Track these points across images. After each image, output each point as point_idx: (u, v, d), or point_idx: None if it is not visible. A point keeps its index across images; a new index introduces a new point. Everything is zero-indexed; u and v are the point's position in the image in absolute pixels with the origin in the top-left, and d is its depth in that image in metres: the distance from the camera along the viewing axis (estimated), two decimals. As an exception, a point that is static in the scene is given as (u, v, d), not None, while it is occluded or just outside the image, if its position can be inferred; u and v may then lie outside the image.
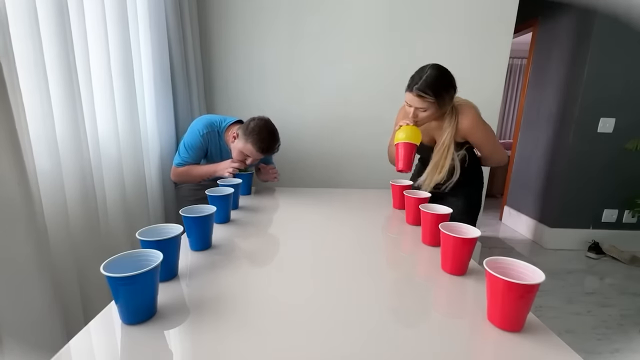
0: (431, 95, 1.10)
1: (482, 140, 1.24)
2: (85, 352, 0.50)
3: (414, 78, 1.15)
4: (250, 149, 1.33)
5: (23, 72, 0.79)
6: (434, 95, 1.11)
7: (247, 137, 1.32)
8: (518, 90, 5.34)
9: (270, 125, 1.38)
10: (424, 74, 1.12)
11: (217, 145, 1.47)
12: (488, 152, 1.29)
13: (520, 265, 0.58)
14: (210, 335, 0.53)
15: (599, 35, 2.31)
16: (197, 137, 1.41)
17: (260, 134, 1.32)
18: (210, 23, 1.99)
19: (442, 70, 1.14)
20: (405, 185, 1.26)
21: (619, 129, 2.45)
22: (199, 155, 1.45)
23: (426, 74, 1.11)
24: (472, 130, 1.20)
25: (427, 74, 1.11)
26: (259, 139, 1.32)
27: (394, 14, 1.99)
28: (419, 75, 1.13)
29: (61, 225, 0.91)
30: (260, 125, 1.34)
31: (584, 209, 2.60)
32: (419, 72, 1.15)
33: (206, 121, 1.45)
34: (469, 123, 1.18)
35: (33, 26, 0.80)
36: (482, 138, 1.23)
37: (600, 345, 1.58)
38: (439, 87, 1.12)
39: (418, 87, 1.11)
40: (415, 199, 1.05)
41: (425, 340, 0.53)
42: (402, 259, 0.88)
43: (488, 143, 1.25)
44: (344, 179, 2.20)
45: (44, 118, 0.85)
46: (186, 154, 1.42)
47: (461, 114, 1.19)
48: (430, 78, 1.11)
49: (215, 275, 0.72)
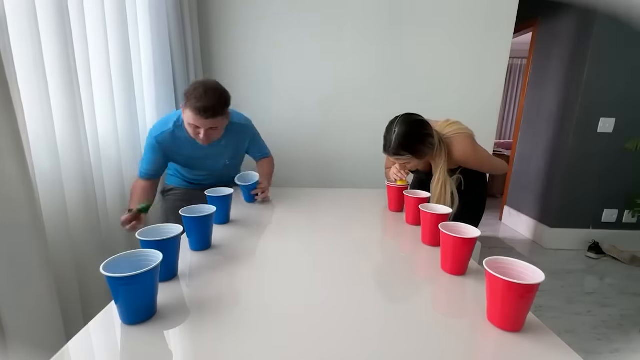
0: (407, 154, 1.11)
1: (478, 166, 1.26)
2: (85, 352, 0.50)
3: (385, 139, 1.14)
4: (190, 114, 1.09)
5: (22, 72, 0.79)
6: (410, 153, 1.11)
7: (185, 100, 1.10)
8: (518, 90, 5.34)
9: (209, 82, 1.14)
10: (392, 134, 1.11)
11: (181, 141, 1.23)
12: (486, 171, 1.33)
13: (520, 265, 0.58)
14: (210, 335, 0.53)
15: (599, 35, 2.31)
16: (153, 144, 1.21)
17: (195, 91, 1.08)
18: (211, 23, 1.99)
19: (410, 124, 1.11)
20: (401, 187, 1.23)
21: (619, 129, 2.44)
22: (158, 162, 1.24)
23: (395, 134, 1.10)
24: (466, 160, 1.20)
25: (396, 133, 1.10)
26: (194, 98, 1.07)
27: (394, 14, 1.99)
28: (389, 137, 1.13)
29: (61, 225, 0.91)
30: (196, 83, 1.11)
31: (584, 209, 2.60)
32: (387, 132, 1.14)
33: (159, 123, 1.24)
34: (461, 155, 1.18)
35: (32, 26, 0.80)
36: (478, 163, 1.24)
37: (600, 345, 1.57)
38: (411, 144, 1.11)
39: (391, 151, 1.12)
40: (415, 199, 1.05)
41: (426, 340, 0.53)
42: (402, 259, 0.88)
43: (484, 166, 1.27)
44: (343, 178, 2.20)
45: (43, 118, 0.85)
46: (144, 165, 1.23)
47: (451, 146, 1.18)
48: (400, 138, 1.09)
49: (215, 275, 0.72)
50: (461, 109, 2.08)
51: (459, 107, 2.08)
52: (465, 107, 2.08)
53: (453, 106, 2.07)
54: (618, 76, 2.37)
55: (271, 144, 2.16)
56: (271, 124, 2.13)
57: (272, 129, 2.15)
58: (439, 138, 1.17)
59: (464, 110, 2.03)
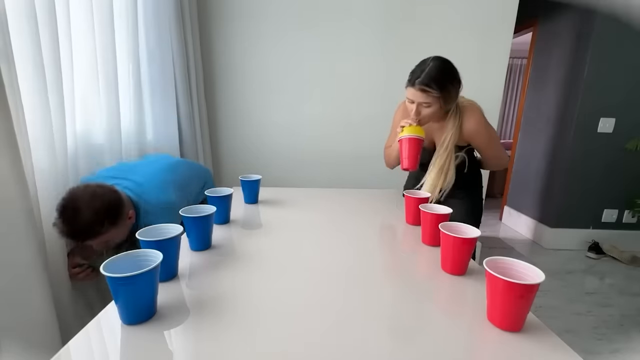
0: (436, 89, 1.02)
1: (486, 144, 1.16)
2: (85, 353, 0.50)
3: (414, 72, 1.06)
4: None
5: (22, 73, 0.79)
6: (439, 89, 1.02)
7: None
8: (518, 90, 5.34)
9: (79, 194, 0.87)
10: (426, 66, 1.04)
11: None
12: (490, 156, 1.22)
13: (520, 265, 0.58)
14: (210, 335, 0.53)
15: (599, 35, 2.31)
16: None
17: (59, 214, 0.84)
18: (210, 23, 1.99)
19: (446, 62, 1.06)
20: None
21: (619, 129, 2.44)
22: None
23: (429, 66, 1.03)
24: (476, 133, 1.12)
25: (430, 66, 1.03)
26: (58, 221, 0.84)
27: (394, 14, 1.99)
28: (420, 69, 1.05)
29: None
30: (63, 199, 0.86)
31: (584, 209, 2.60)
32: (420, 65, 1.07)
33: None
34: (474, 124, 1.11)
35: (32, 26, 0.81)
36: (486, 141, 1.16)
37: (600, 345, 1.57)
38: (443, 80, 1.03)
39: (421, 81, 1.02)
40: (415, 199, 1.05)
41: (425, 340, 0.53)
42: (402, 259, 0.88)
43: (491, 146, 1.18)
44: (343, 178, 2.20)
45: (43, 118, 0.85)
46: None
47: (465, 114, 1.11)
48: (433, 70, 1.02)
49: (215, 275, 0.72)
50: (461, 109, 2.08)
51: (459, 107, 2.08)
52: (465, 107, 2.08)
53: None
54: (618, 76, 2.37)
55: (271, 143, 2.17)
56: (271, 123, 2.14)
57: (272, 129, 2.15)
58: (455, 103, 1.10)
59: (464, 110, 2.03)
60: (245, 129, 2.14)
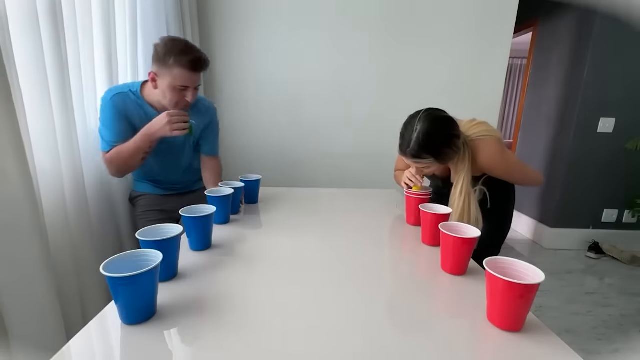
0: (429, 157, 0.96)
1: (505, 175, 1.08)
2: (85, 352, 0.50)
3: (403, 138, 0.98)
4: (179, 71, 1.01)
5: (23, 71, 0.79)
6: (432, 155, 0.95)
7: (166, 61, 1.01)
8: (518, 90, 5.34)
9: (180, 38, 1.11)
10: (413, 131, 0.95)
11: (139, 107, 1.11)
12: (515, 182, 1.14)
13: (520, 265, 0.58)
14: (210, 335, 0.53)
15: (599, 35, 2.31)
16: (106, 103, 1.07)
17: (178, 47, 1.01)
18: (210, 23, 1.99)
19: (435, 122, 0.95)
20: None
21: (619, 129, 2.44)
22: (123, 127, 1.08)
23: (416, 133, 0.94)
24: (492, 167, 1.03)
25: (418, 132, 0.94)
26: (182, 53, 1.00)
27: (394, 14, 1.99)
28: (408, 134, 0.96)
29: (61, 224, 0.91)
30: (171, 41, 1.04)
31: (584, 209, 2.60)
32: (407, 127, 0.97)
33: (111, 88, 1.12)
34: (486, 160, 1.01)
35: (34, 25, 0.81)
36: (504, 173, 1.06)
37: (600, 345, 1.57)
38: (435, 146, 0.95)
39: (411, 152, 0.95)
40: (416, 199, 1.05)
41: (425, 340, 0.53)
42: (402, 259, 0.88)
43: (512, 176, 1.10)
44: (343, 178, 2.20)
45: (44, 117, 0.86)
46: (107, 131, 1.07)
47: (477, 150, 1.01)
48: (422, 137, 0.93)
49: (215, 275, 0.72)
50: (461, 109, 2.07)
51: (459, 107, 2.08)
52: (466, 107, 2.08)
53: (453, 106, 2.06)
54: (618, 76, 2.37)
55: (270, 143, 2.17)
56: (271, 123, 2.14)
57: (273, 129, 2.15)
58: (463, 140, 1.01)
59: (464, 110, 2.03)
60: (245, 129, 2.14)
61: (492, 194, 1.07)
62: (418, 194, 1.06)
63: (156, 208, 1.26)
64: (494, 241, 1.16)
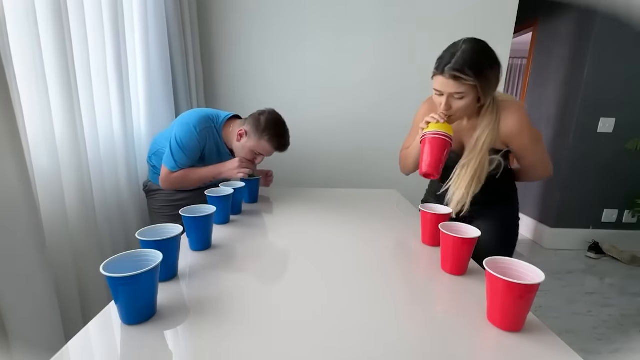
0: (471, 75, 0.83)
1: (528, 149, 0.97)
2: (85, 352, 0.50)
3: (443, 57, 0.88)
4: (266, 146, 1.19)
5: (21, 72, 0.79)
6: (475, 74, 0.83)
7: (262, 133, 1.18)
8: (518, 90, 5.34)
9: (282, 119, 1.27)
10: (457, 49, 0.86)
11: (216, 144, 1.25)
12: (532, 163, 1.01)
13: (520, 265, 0.58)
14: (210, 335, 0.53)
15: (599, 35, 2.31)
16: (193, 134, 1.17)
17: (276, 129, 1.20)
18: (210, 22, 1.99)
19: (480, 42, 0.88)
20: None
21: (619, 129, 2.45)
22: (196, 157, 1.21)
23: (461, 49, 0.85)
24: (518, 133, 0.93)
25: (463, 48, 0.85)
26: (276, 135, 1.19)
27: (393, 14, 1.99)
28: (450, 52, 0.87)
29: (60, 225, 0.91)
30: (275, 119, 1.22)
31: (584, 209, 2.60)
32: (449, 48, 0.89)
33: (200, 116, 1.21)
34: (515, 123, 0.91)
35: (32, 26, 0.80)
36: (529, 144, 0.96)
37: (600, 345, 1.57)
38: (481, 63, 0.85)
39: (452, 66, 0.84)
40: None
41: (425, 340, 0.53)
42: (402, 259, 0.88)
43: (534, 152, 0.98)
44: (344, 178, 2.20)
45: (42, 117, 0.85)
46: (182, 156, 1.18)
47: (505, 110, 0.92)
48: (467, 53, 0.84)
49: (215, 275, 0.72)
50: (461, 109, 2.08)
51: (459, 107, 2.09)
52: (465, 107, 2.08)
53: (453, 106, 2.07)
54: (618, 76, 2.37)
55: (271, 144, 2.17)
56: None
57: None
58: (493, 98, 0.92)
59: (464, 110, 2.03)
60: (245, 129, 2.14)
61: (495, 197, 0.98)
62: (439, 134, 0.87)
63: (173, 204, 1.28)
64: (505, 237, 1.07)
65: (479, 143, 0.92)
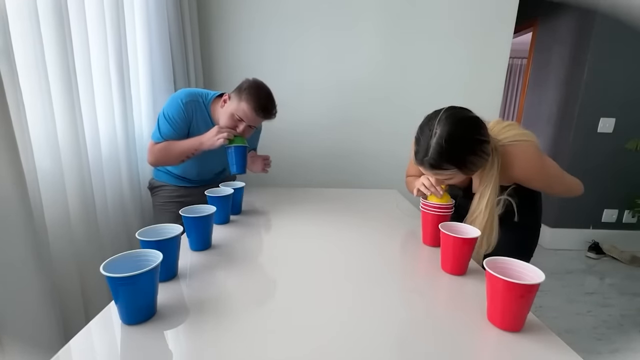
0: (451, 167, 0.79)
1: (544, 187, 0.94)
2: (85, 352, 0.50)
3: (419, 144, 0.81)
4: (245, 108, 1.12)
5: (23, 72, 0.79)
6: (456, 165, 0.79)
7: (241, 95, 1.14)
8: (518, 90, 5.34)
9: (266, 86, 1.21)
10: (431, 137, 0.78)
11: (203, 119, 1.21)
12: (554, 193, 0.97)
13: (520, 265, 0.58)
14: (210, 335, 0.53)
15: (599, 35, 2.31)
16: (179, 105, 1.15)
17: (257, 91, 1.15)
18: (210, 22, 1.99)
19: (459, 124, 0.79)
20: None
21: (619, 129, 2.45)
22: (182, 129, 1.18)
23: (436, 138, 0.77)
24: (528, 179, 0.88)
25: (438, 136, 0.77)
26: (256, 96, 1.13)
27: (394, 14, 1.99)
28: (425, 140, 0.79)
29: (62, 225, 0.91)
30: (256, 83, 1.18)
31: (584, 209, 2.60)
32: (424, 131, 0.81)
33: (188, 91, 1.21)
34: (522, 172, 0.86)
35: (34, 25, 0.80)
36: (543, 185, 0.92)
37: (600, 345, 1.57)
38: (460, 154, 0.78)
39: (429, 161, 0.79)
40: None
41: (425, 340, 0.53)
42: (402, 259, 0.88)
43: (552, 188, 0.94)
44: (344, 178, 2.20)
45: (44, 117, 0.85)
46: (167, 127, 1.15)
47: (509, 158, 0.85)
48: (443, 144, 0.76)
49: (215, 275, 0.72)
50: (461, 109, 2.08)
51: (459, 107, 2.09)
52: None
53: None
54: (618, 76, 2.37)
55: (271, 143, 2.17)
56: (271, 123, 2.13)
57: (273, 128, 2.15)
58: (493, 146, 0.85)
59: (464, 110, 2.03)
60: (245, 129, 2.14)
61: (518, 207, 0.90)
62: (436, 207, 0.88)
63: (176, 200, 1.29)
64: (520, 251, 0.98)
65: (482, 201, 0.87)
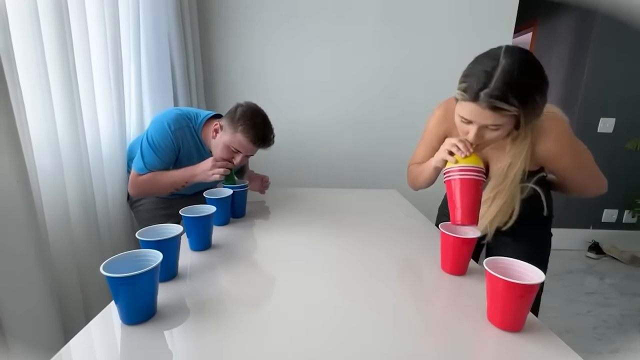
0: (516, 105, 0.63)
1: (572, 170, 0.82)
2: (85, 352, 0.50)
3: (476, 76, 0.65)
4: (242, 140, 1.03)
5: (23, 71, 0.79)
6: (522, 103, 0.63)
7: (236, 125, 1.04)
8: (518, 90, 5.33)
9: (261, 110, 1.13)
10: (496, 67, 0.63)
11: (194, 147, 1.13)
12: (577, 184, 0.86)
13: (520, 265, 0.58)
14: (210, 335, 0.53)
15: (599, 35, 2.31)
16: (167, 133, 1.06)
17: (252, 119, 1.05)
18: (210, 22, 1.99)
19: (528, 55, 0.65)
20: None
21: (619, 129, 2.44)
22: (169, 158, 1.09)
23: (502, 68, 0.63)
24: (557, 157, 0.77)
25: (504, 66, 0.63)
26: (252, 126, 1.04)
27: (393, 14, 1.99)
28: (486, 71, 0.64)
29: (62, 224, 0.91)
30: (251, 109, 1.08)
31: (584, 209, 2.60)
32: (483, 63, 0.66)
33: (177, 114, 1.10)
34: (553, 147, 0.75)
35: (34, 25, 0.81)
36: (572, 168, 0.81)
37: (600, 345, 1.57)
38: (529, 86, 0.64)
39: (492, 92, 0.63)
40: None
41: (425, 341, 0.53)
42: (401, 259, 0.88)
43: (581, 171, 0.82)
44: (344, 178, 2.20)
45: (45, 116, 0.85)
46: (153, 157, 1.06)
47: (542, 134, 0.74)
48: (512, 73, 0.62)
49: (215, 275, 0.72)
50: (461, 109, 2.08)
51: (459, 107, 2.09)
52: (465, 107, 2.08)
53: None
54: (618, 76, 2.37)
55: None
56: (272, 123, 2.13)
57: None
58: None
59: (464, 110, 2.03)
60: (245, 129, 2.14)
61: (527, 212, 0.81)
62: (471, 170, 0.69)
63: (161, 212, 1.19)
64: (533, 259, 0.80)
65: (510, 175, 0.76)
